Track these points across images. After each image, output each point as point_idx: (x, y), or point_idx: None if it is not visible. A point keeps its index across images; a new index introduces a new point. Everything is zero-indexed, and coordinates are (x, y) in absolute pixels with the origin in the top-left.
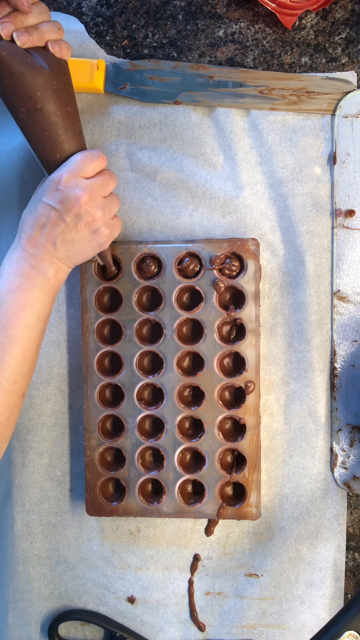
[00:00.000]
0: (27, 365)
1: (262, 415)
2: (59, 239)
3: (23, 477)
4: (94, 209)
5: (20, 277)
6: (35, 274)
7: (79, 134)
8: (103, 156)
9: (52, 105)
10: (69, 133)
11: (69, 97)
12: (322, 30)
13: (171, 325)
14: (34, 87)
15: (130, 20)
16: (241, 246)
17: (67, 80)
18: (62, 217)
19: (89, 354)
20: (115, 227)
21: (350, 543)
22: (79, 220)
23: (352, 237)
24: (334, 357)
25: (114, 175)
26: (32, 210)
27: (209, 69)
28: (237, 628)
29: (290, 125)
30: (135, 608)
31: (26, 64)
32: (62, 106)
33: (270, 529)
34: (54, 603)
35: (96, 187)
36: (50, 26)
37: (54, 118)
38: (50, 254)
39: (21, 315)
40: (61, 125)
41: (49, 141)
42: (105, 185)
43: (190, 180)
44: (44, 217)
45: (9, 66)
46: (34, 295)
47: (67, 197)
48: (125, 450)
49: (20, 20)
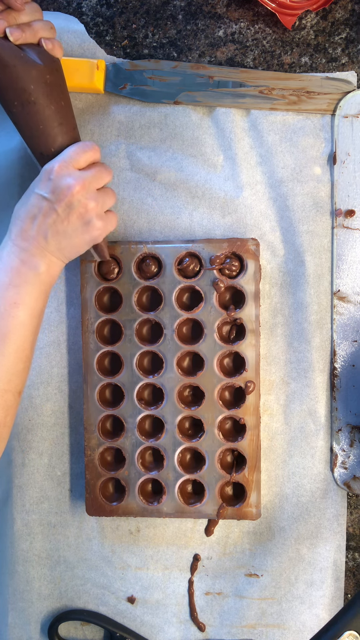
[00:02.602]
0: (21, 364)
1: (262, 415)
2: (50, 230)
3: (23, 477)
4: (86, 200)
5: (10, 273)
6: (26, 269)
7: (73, 129)
8: (96, 148)
9: (46, 98)
10: (62, 127)
11: (63, 92)
12: (322, 30)
13: (171, 325)
14: (27, 80)
15: (130, 20)
16: (241, 246)
17: (61, 76)
18: (54, 207)
19: (89, 354)
20: (109, 220)
21: (350, 543)
22: (70, 211)
23: (352, 237)
24: (334, 357)
25: (109, 169)
26: (24, 202)
27: (209, 69)
28: (237, 628)
29: (290, 125)
30: (135, 608)
31: (20, 57)
32: (55, 100)
33: (270, 529)
34: (54, 603)
35: (89, 178)
36: (42, 24)
37: (47, 111)
38: (41, 247)
39: (13, 313)
40: (55, 119)
41: (42, 135)
42: (98, 177)
43: (190, 180)
44: (35, 208)
45: (2, 60)
46: (25, 291)
47: (59, 187)
48: (125, 450)
49: (13, 18)
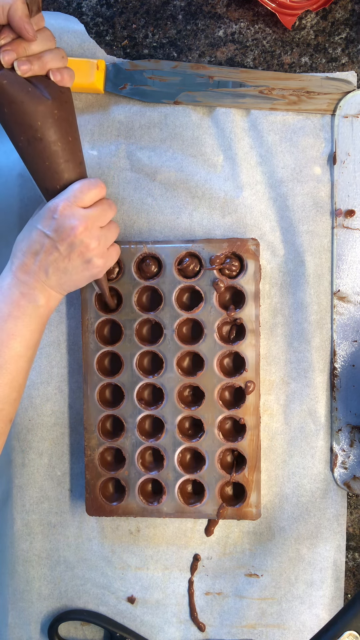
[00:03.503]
0: (14, 393)
1: (262, 415)
2: (52, 267)
3: (23, 477)
4: (89, 239)
5: (10, 305)
6: (25, 302)
7: (79, 164)
8: (102, 185)
9: (53, 134)
10: (69, 163)
11: (71, 126)
12: (322, 30)
13: (171, 325)
14: (34, 116)
15: (130, 20)
16: (241, 246)
17: (69, 109)
18: (56, 245)
19: (89, 354)
20: (110, 257)
21: (350, 543)
22: (72, 250)
23: (352, 237)
24: (334, 357)
25: (113, 205)
26: (26, 236)
27: (209, 69)
28: (237, 628)
29: (290, 125)
30: (135, 608)
31: (27, 92)
32: (63, 136)
33: (270, 529)
34: (54, 603)
35: (93, 217)
36: (53, 56)
37: (54, 147)
38: (41, 282)
39: (10, 344)
40: (61, 155)
41: (48, 171)
42: (102, 215)
43: (190, 180)
44: (37, 244)
45: (9, 95)
46: (23, 323)
47: (63, 227)
48: (125, 450)
49: (22, 49)
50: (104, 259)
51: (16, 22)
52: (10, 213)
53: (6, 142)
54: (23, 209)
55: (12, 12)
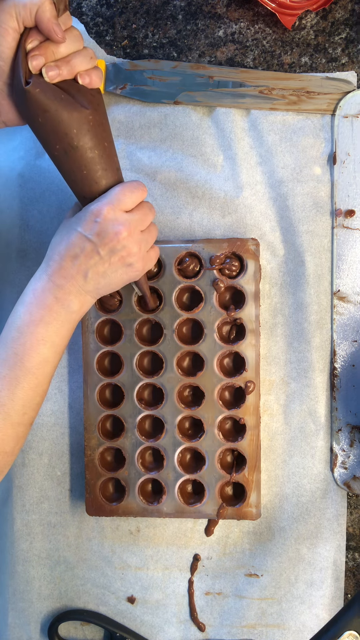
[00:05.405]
0: (38, 397)
1: (262, 415)
2: (91, 271)
3: (23, 477)
4: (131, 244)
5: (43, 310)
6: (59, 307)
7: (117, 170)
8: (143, 187)
9: (89, 141)
10: (107, 171)
11: (105, 131)
12: (322, 30)
13: (171, 325)
14: (69, 124)
15: (130, 20)
16: (241, 246)
17: (102, 112)
18: (97, 249)
19: (89, 354)
20: (149, 260)
21: (350, 543)
22: (113, 254)
23: (352, 237)
24: (334, 357)
25: (153, 208)
26: (64, 239)
27: (209, 69)
28: (237, 628)
29: (290, 125)
30: (135, 608)
31: (60, 100)
32: (99, 141)
33: (270, 529)
34: (54, 603)
35: (135, 221)
36: (82, 58)
37: (90, 154)
38: (78, 286)
39: (39, 349)
40: (99, 162)
41: (86, 179)
42: (144, 219)
43: (190, 180)
44: (77, 248)
45: (43, 104)
46: (54, 329)
47: (106, 231)
48: (125, 450)
49: (51, 52)
50: (144, 262)
51: (45, 24)
52: (11, 213)
53: (6, 142)
54: (23, 209)
55: (40, 13)
